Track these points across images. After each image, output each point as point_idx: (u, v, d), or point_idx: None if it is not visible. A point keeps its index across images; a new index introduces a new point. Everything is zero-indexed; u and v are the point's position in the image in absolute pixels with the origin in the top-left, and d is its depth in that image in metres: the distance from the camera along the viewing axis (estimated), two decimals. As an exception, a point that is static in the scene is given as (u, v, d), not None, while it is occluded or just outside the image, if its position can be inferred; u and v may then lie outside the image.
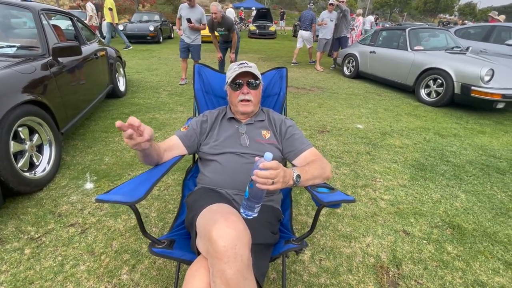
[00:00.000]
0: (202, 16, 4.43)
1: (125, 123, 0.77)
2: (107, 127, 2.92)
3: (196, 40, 4.57)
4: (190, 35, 4.50)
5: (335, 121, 3.45)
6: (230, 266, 0.65)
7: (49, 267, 1.29)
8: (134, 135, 0.79)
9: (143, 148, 0.86)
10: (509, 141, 3.04)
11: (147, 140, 0.84)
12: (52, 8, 2.59)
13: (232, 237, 0.67)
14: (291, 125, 1.23)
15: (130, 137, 0.79)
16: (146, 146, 0.87)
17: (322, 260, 1.42)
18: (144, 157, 0.98)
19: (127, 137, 0.79)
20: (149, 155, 0.98)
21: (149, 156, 0.99)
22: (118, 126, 0.74)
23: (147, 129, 0.84)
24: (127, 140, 0.80)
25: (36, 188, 1.81)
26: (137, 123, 0.78)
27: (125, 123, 0.77)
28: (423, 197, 1.98)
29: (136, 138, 0.81)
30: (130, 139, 0.80)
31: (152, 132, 0.86)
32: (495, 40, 5.57)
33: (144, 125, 0.83)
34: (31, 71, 1.86)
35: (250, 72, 1.16)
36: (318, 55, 6.77)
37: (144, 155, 0.96)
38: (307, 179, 0.95)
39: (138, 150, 0.89)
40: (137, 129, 0.80)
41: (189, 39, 4.53)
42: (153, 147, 0.98)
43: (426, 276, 1.34)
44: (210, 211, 0.81)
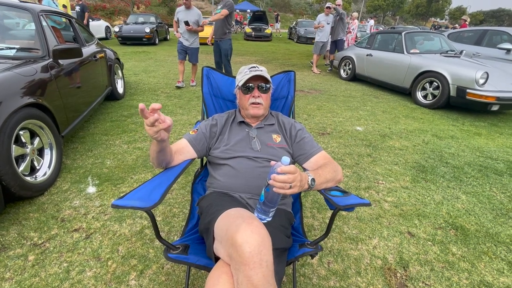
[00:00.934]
0: (199, 17, 4.42)
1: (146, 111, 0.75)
2: (107, 129, 2.88)
3: (194, 43, 4.56)
4: (188, 38, 4.49)
5: (334, 123, 3.47)
6: (256, 272, 0.65)
7: (54, 274, 1.27)
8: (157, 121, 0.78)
9: (162, 138, 0.85)
10: (504, 143, 3.11)
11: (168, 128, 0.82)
12: (51, 10, 2.56)
13: (257, 242, 0.67)
14: (301, 128, 1.24)
15: (153, 124, 0.77)
16: (166, 136, 0.86)
17: (331, 263, 1.42)
18: (160, 152, 0.95)
19: (151, 124, 0.77)
20: (164, 150, 0.95)
21: (164, 152, 0.96)
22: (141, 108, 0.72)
23: (167, 117, 0.83)
24: (148, 128, 0.79)
25: (37, 193, 1.77)
26: (157, 106, 0.76)
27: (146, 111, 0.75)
28: (426, 198, 2.01)
29: (159, 125, 0.79)
30: (153, 126, 0.78)
31: (172, 121, 0.84)
32: (487, 43, 5.70)
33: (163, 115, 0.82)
34: (32, 74, 1.83)
35: (262, 75, 1.17)
36: (314, 58, 6.83)
37: (160, 149, 0.93)
38: (321, 183, 0.96)
39: (156, 141, 0.87)
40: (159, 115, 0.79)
41: (187, 42, 4.51)
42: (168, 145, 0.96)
43: (433, 278, 1.36)
44: (229, 215, 0.81)
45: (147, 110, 0.75)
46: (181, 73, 4.78)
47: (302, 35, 14.86)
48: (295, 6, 41.73)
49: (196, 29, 4.41)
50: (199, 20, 4.42)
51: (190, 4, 4.34)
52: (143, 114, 0.75)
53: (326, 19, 6.39)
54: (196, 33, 4.51)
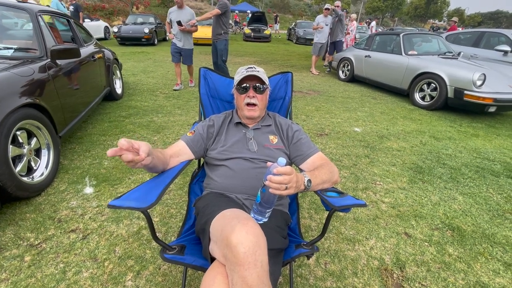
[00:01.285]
0: (192, 17, 4.25)
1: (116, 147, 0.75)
2: (104, 130, 2.88)
3: (188, 44, 4.40)
4: (182, 39, 4.33)
5: (333, 124, 3.48)
6: (251, 273, 0.65)
7: (51, 275, 1.26)
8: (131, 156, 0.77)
9: (144, 164, 0.85)
10: (501, 144, 3.12)
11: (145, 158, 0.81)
12: (49, 10, 2.56)
13: (252, 243, 0.67)
14: (298, 129, 1.24)
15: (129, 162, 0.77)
16: (147, 162, 0.85)
17: (327, 263, 1.42)
18: (149, 169, 0.97)
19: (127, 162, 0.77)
20: (153, 167, 0.96)
21: (153, 168, 0.97)
22: (111, 155, 0.72)
23: (142, 145, 0.81)
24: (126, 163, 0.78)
25: (34, 193, 1.76)
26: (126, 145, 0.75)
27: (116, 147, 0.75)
28: (423, 199, 2.01)
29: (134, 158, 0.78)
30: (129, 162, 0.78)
31: (148, 147, 0.83)
32: (485, 45, 5.74)
33: (137, 142, 0.80)
34: (30, 74, 1.83)
35: (257, 76, 1.17)
36: (313, 59, 6.84)
37: (147, 168, 0.94)
38: (317, 184, 0.96)
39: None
40: (132, 149, 0.78)
41: (180, 43, 4.36)
42: (157, 157, 0.95)
43: (429, 278, 1.36)
44: (224, 216, 0.81)
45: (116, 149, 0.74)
46: (179, 75, 4.66)
47: (301, 36, 14.89)
48: (294, 7, 41.85)
49: (190, 29, 4.24)
50: (192, 19, 4.27)
51: (182, 3, 4.17)
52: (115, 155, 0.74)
53: (324, 20, 6.41)
54: (190, 33, 4.36)
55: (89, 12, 18.24)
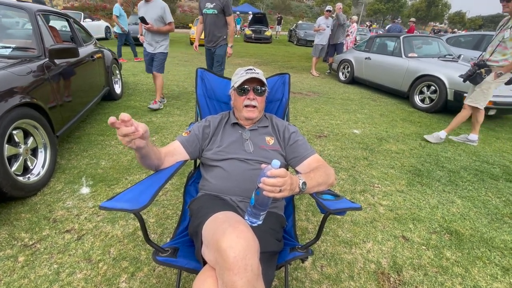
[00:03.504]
0: (163, 12, 3.18)
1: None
2: (103, 130, 2.87)
3: (159, 47, 3.35)
4: (151, 41, 3.31)
5: (332, 126, 3.47)
6: (240, 277, 0.64)
7: (44, 276, 1.25)
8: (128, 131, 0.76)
9: (138, 145, 0.82)
10: (501, 147, 3.11)
11: (141, 136, 0.80)
12: (48, 9, 2.56)
13: (242, 247, 0.66)
14: (294, 131, 1.23)
15: (125, 134, 0.76)
16: (142, 144, 0.83)
17: (324, 266, 1.41)
18: (142, 158, 0.94)
19: (122, 135, 0.76)
20: (147, 156, 0.94)
21: (147, 158, 0.95)
22: (111, 122, 0.71)
23: (140, 125, 0.80)
24: (121, 137, 0.77)
25: (30, 193, 1.76)
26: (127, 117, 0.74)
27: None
28: (421, 202, 2.00)
29: (131, 135, 0.77)
30: (125, 136, 0.77)
31: (146, 128, 0.82)
32: (485, 48, 5.72)
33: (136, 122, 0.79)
34: (27, 73, 1.82)
35: (258, 78, 1.17)
36: (313, 61, 6.85)
37: (141, 155, 0.92)
38: (313, 186, 0.95)
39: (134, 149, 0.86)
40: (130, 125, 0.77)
41: (150, 47, 3.35)
42: (151, 148, 0.94)
43: (426, 283, 1.35)
44: (216, 219, 0.80)
45: (118, 121, 0.73)
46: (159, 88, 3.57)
47: (302, 37, 14.91)
48: (296, 8, 41.93)
49: (159, 28, 3.21)
50: (164, 15, 3.20)
51: None
52: (114, 125, 0.73)
53: (326, 22, 6.41)
54: (163, 34, 3.33)
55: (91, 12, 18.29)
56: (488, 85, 2.80)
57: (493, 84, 2.78)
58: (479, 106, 2.89)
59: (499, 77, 2.72)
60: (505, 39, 2.68)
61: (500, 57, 2.72)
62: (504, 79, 2.76)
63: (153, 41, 3.32)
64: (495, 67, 2.75)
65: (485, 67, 2.80)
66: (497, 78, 2.74)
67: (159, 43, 3.34)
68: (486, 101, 2.87)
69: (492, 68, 2.76)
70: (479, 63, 2.86)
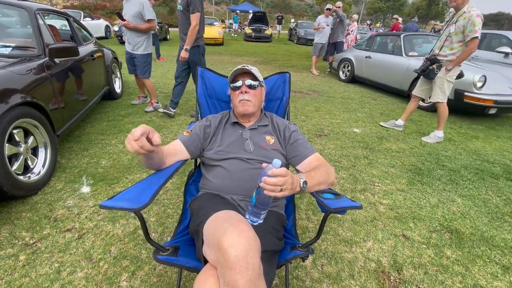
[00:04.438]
0: (142, 8, 3.00)
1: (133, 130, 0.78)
2: (103, 129, 2.87)
3: (139, 47, 3.14)
4: (130, 39, 3.13)
5: (332, 125, 3.47)
6: (242, 276, 0.64)
7: (45, 275, 1.26)
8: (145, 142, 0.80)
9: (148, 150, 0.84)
10: (501, 146, 3.11)
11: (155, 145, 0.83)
12: (48, 8, 2.55)
13: (243, 246, 0.66)
14: (295, 130, 1.23)
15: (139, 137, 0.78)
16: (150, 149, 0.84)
17: (324, 265, 1.41)
18: (147, 161, 0.96)
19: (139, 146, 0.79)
20: (152, 159, 0.95)
21: (152, 160, 0.96)
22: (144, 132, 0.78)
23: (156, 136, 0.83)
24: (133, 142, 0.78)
25: (30, 192, 1.76)
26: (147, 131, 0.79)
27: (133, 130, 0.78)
28: (421, 201, 2.00)
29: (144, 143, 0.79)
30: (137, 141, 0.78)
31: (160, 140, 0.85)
32: (486, 47, 5.72)
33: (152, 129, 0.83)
34: (27, 72, 1.82)
35: (249, 72, 1.17)
36: (313, 59, 6.84)
37: (147, 159, 0.94)
38: (313, 185, 0.95)
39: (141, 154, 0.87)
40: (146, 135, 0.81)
41: (130, 46, 3.17)
42: (158, 151, 0.95)
43: (427, 281, 1.35)
44: (217, 218, 0.80)
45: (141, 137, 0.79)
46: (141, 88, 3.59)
47: (302, 36, 14.87)
48: (296, 7, 41.84)
49: (136, 26, 3.00)
50: (143, 12, 3.02)
51: None
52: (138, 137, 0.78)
53: (326, 20, 6.40)
54: (142, 32, 3.10)
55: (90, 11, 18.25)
56: (442, 80, 2.87)
57: (446, 79, 2.85)
58: (439, 100, 2.96)
59: (450, 71, 2.79)
60: (451, 33, 2.76)
61: (448, 51, 2.79)
62: (454, 73, 2.83)
63: (132, 40, 3.13)
64: (445, 62, 2.82)
65: (436, 63, 2.87)
66: (448, 73, 2.81)
67: (138, 43, 3.13)
68: (445, 95, 2.94)
69: (443, 63, 2.84)
70: (430, 58, 2.94)
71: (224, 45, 11.99)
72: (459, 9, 2.69)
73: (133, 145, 0.78)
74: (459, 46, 2.71)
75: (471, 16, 2.56)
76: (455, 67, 2.78)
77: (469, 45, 2.63)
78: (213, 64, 7.05)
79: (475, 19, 2.54)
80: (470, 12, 2.59)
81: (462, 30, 2.64)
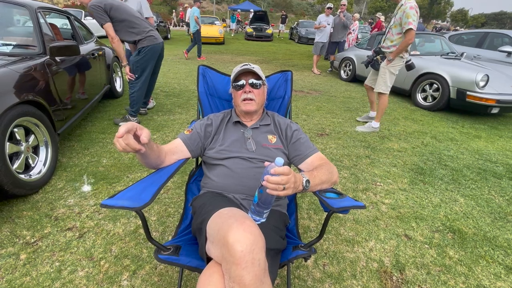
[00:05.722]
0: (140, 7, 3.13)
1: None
2: (104, 128, 2.87)
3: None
4: None
5: (333, 124, 3.46)
6: (248, 272, 0.64)
7: (46, 273, 1.25)
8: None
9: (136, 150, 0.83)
10: (504, 146, 3.09)
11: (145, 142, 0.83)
12: (49, 7, 2.54)
13: (249, 241, 0.66)
14: (297, 129, 1.22)
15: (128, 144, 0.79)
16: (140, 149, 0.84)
17: (326, 265, 1.40)
18: (142, 159, 0.96)
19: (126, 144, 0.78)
20: (147, 158, 0.95)
21: (147, 158, 0.95)
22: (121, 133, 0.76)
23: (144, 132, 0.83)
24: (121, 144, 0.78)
25: (31, 191, 1.75)
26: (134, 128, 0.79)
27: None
28: (423, 201, 1.99)
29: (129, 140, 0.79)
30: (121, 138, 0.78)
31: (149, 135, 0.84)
32: (488, 46, 5.69)
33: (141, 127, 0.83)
34: (28, 71, 1.81)
35: (253, 71, 1.16)
36: (314, 59, 6.82)
37: (142, 157, 0.94)
38: (316, 184, 0.94)
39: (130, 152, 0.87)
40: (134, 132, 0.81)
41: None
42: (150, 147, 0.94)
43: (429, 281, 1.34)
44: (221, 215, 0.79)
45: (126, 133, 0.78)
46: None
47: (303, 35, 14.84)
48: (297, 6, 41.75)
49: None
50: (141, 10, 3.13)
51: None
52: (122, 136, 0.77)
53: (326, 19, 6.38)
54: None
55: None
56: (384, 71, 2.98)
57: (388, 70, 2.95)
58: (381, 91, 3.04)
59: (391, 62, 2.91)
60: (391, 26, 2.91)
61: (389, 43, 2.92)
62: (396, 64, 2.92)
63: None
64: (387, 53, 2.95)
65: (380, 54, 3.03)
66: (389, 64, 2.93)
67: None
68: (386, 86, 3.01)
69: (386, 54, 2.97)
70: (376, 49, 3.06)
71: (225, 44, 11.97)
72: (399, 2, 2.81)
73: (120, 143, 0.78)
74: (399, 38, 2.82)
75: (406, 8, 2.65)
76: (397, 59, 2.88)
77: (406, 37, 2.71)
78: (214, 63, 7.04)
79: (409, 11, 2.62)
80: (405, 4, 2.68)
81: (399, 23, 2.75)
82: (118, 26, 2.58)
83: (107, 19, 2.48)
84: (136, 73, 2.78)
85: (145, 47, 2.70)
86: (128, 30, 2.63)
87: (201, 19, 10.92)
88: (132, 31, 2.64)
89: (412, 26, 2.63)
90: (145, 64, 2.77)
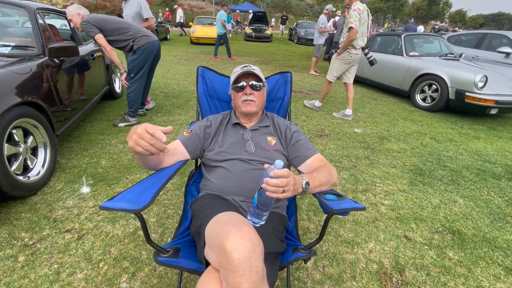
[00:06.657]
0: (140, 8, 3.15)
1: None
2: (103, 129, 2.86)
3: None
4: None
5: (333, 125, 3.46)
6: (245, 279, 0.63)
7: (44, 276, 1.24)
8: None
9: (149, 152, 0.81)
10: (503, 147, 3.10)
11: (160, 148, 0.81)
12: (48, 8, 2.54)
13: (247, 248, 0.65)
14: (296, 130, 1.22)
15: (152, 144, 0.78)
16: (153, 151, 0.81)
17: (326, 266, 1.40)
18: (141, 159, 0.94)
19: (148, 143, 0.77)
20: (146, 158, 0.94)
21: (147, 159, 0.94)
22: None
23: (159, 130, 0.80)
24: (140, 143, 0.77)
25: (30, 192, 1.75)
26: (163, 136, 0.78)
27: None
28: (423, 202, 1.99)
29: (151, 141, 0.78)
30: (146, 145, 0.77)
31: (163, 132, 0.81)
32: (486, 47, 5.71)
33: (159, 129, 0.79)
34: (27, 72, 1.81)
35: (253, 73, 1.15)
36: (314, 60, 6.82)
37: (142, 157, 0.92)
38: (316, 186, 0.94)
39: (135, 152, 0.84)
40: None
41: None
42: None
43: (429, 283, 1.34)
44: (219, 220, 0.79)
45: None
46: None
47: (303, 36, 14.86)
48: (296, 7, 41.84)
49: None
50: (141, 11, 3.14)
51: None
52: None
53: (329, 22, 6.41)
54: None
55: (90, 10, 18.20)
56: (333, 61, 3.59)
57: (336, 61, 3.54)
58: (329, 78, 3.71)
59: (340, 54, 3.45)
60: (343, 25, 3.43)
61: (342, 39, 3.44)
62: (343, 57, 3.45)
63: None
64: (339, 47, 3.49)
65: (336, 48, 3.61)
66: (338, 56, 3.49)
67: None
68: (333, 75, 3.65)
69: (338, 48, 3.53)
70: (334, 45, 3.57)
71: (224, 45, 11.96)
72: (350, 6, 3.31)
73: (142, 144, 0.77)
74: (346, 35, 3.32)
75: (350, 10, 3.20)
76: (345, 53, 3.41)
77: (349, 34, 3.24)
78: (213, 64, 7.04)
79: (352, 13, 3.16)
80: (352, 8, 3.20)
81: (347, 23, 3.26)
82: (112, 37, 2.65)
83: (96, 31, 2.56)
84: (132, 73, 2.78)
85: (141, 46, 2.72)
86: (122, 35, 2.68)
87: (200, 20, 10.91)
88: (125, 35, 2.68)
89: (353, 25, 3.14)
90: (141, 63, 2.78)
